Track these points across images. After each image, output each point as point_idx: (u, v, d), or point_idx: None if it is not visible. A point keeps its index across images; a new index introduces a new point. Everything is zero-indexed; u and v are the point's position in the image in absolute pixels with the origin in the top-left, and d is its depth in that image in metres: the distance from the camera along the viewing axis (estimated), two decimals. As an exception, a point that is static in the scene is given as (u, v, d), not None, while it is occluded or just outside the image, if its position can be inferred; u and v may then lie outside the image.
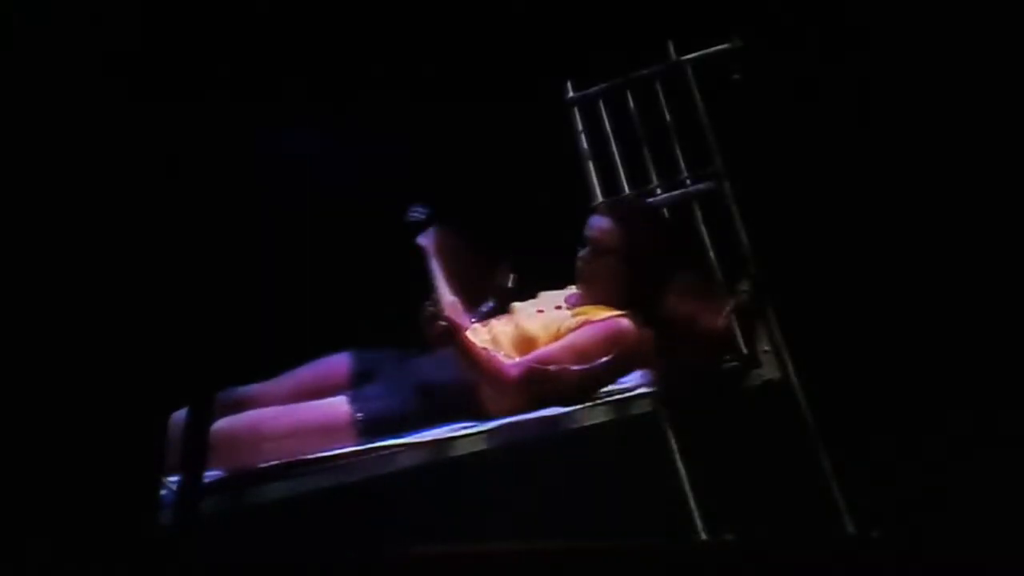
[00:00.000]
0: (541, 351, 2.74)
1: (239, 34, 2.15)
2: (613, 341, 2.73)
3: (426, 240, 2.87)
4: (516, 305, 2.93)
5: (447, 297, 2.73)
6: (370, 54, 3.37)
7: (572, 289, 3.00)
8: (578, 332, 2.75)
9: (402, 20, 3.30)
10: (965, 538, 2.19)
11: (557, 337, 2.76)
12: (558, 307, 2.91)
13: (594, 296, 2.87)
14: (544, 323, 2.81)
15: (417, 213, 2.89)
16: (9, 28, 1.90)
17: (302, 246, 3.32)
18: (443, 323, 2.59)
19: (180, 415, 2.01)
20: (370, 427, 2.54)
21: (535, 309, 2.91)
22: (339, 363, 2.85)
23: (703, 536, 2.79)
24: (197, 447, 2.07)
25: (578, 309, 2.85)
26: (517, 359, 2.71)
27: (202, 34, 2.04)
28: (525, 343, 2.77)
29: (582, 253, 2.89)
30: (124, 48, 1.95)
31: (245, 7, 2.23)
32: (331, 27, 3.30)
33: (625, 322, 2.76)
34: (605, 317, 2.77)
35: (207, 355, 2.05)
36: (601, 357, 2.71)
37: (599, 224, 2.89)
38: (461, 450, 2.51)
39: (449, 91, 3.31)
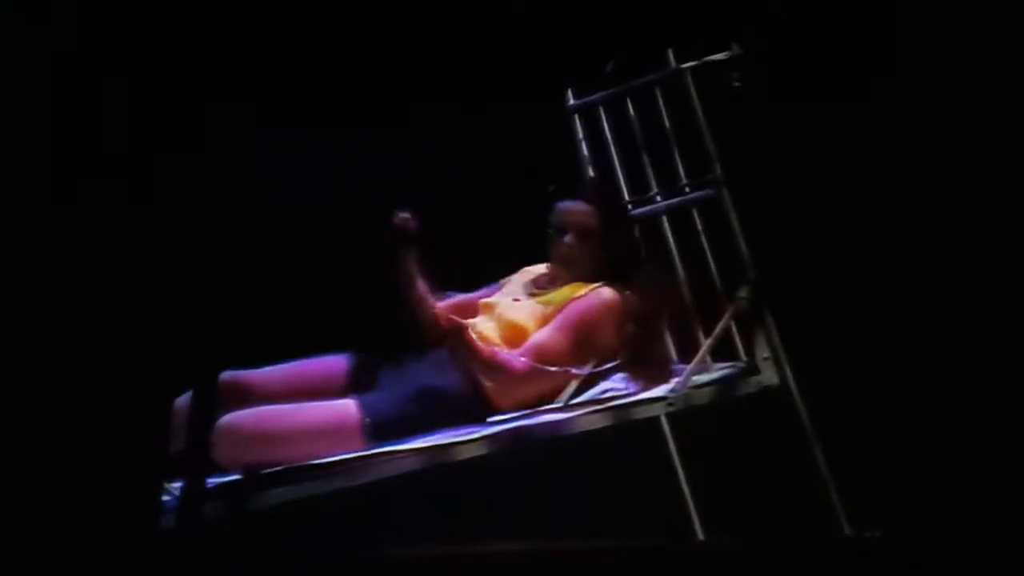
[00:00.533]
0: (538, 336, 2.77)
1: (239, 35, 2.16)
2: (601, 310, 2.79)
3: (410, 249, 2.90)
4: (491, 300, 2.96)
5: (420, 288, 2.78)
6: (371, 60, 3.40)
7: (533, 270, 3.05)
8: (567, 310, 2.79)
9: (404, 28, 3.33)
10: (964, 539, 2.21)
11: (545, 320, 2.80)
12: (532, 294, 2.95)
13: (572, 276, 2.92)
14: (528, 311, 2.84)
15: (404, 219, 2.91)
16: (9, 28, 1.90)
17: (302, 240, 3.34)
18: (448, 325, 2.62)
19: (183, 400, 2.02)
20: (378, 431, 2.56)
21: (511, 299, 2.94)
22: (338, 364, 2.86)
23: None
24: (200, 449, 2.07)
25: (558, 290, 2.89)
26: (518, 351, 2.73)
27: (202, 35, 2.06)
28: (515, 335, 2.80)
29: (567, 239, 2.92)
30: (126, 47, 1.97)
31: (244, 8, 2.24)
32: (332, 33, 3.33)
33: (607, 290, 2.82)
34: (587, 291, 2.82)
35: (208, 349, 2.06)
36: (592, 327, 2.77)
37: (578, 208, 2.93)
38: (465, 455, 2.52)
39: (450, 97, 3.34)
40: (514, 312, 2.84)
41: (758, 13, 3.05)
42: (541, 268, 3.05)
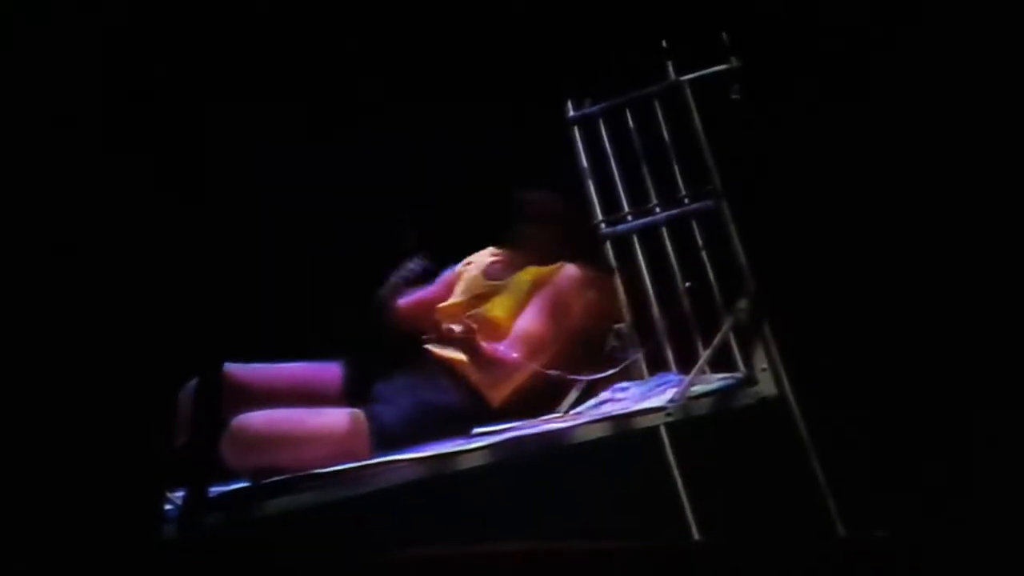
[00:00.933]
0: (521, 325, 2.87)
1: (240, 36, 2.17)
2: (571, 283, 2.95)
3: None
4: (454, 301, 3.06)
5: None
6: (369, 67, 3.43)
7: (480, 261, 3.15)
8: (541, 296, 2.91)
9: (405, 32, 3.36)
10: (956, 548, 2.25)
11: (519, 308, 2.89)
12: (491, 286, 3.04)
13: (534, 261, 3.03)
14: (498, 304, 2.90)
15: (415, 267, 3.02)
16: (9, 28, 1.91)
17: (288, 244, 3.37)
18: (460, 332, 2.70)
19: (187, 393, 2.06)
20: (384, 441, 2.62)
21: (472, 296, 3.04)
22: (332, 372, 2.90)
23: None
24: (202, 459, 2.10)
25: (518, 276, 3.00)
26: (505, 344, 2.80)
27: (201, 35, 2.07)
28: (492, 330, 2.85)
29: (531, 227, 3.08)
30: (128, 48, 1.98)
31: (245, 9, 2.25)
32: (334, 43, 3.36)
33: (570, 266, 2.98)
34: (552, 272, 2.97)
35: (210, 355, 2.08)
36: (566, 303, 2.92)
37: (543, 198, 3.12)
38: (467, 464, 2.55)
39: (451, 107, 3.37)
40: (485, 310, 2.90)
41: (756, 28, 3.08)
42: (486, 257, 3.12)
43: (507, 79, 3.35)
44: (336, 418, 2.63)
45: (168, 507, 2.21)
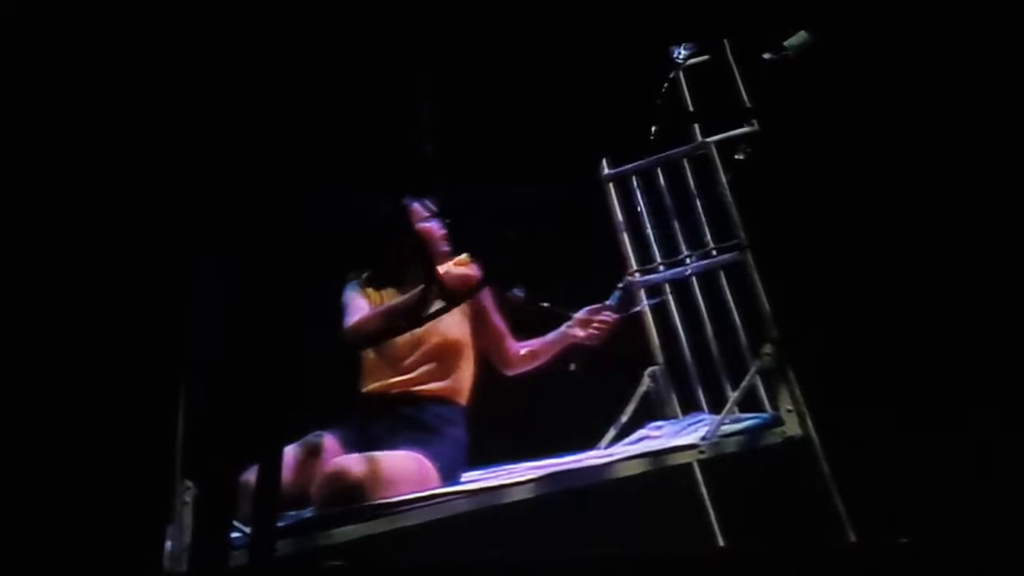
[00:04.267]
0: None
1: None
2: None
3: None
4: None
5: None
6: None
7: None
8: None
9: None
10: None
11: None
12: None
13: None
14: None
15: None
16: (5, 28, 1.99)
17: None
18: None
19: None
20: (447, 475, 2.81)
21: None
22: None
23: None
24: (270, 488, 2.22)
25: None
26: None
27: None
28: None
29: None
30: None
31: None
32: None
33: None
34: None
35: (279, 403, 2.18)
36: None
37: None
38: (517, 496, 2.73)
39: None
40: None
41: (774, 92, 3.24)
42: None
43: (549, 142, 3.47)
44: (405, 460, 2.77)
45: (236, 535, 2.27)
